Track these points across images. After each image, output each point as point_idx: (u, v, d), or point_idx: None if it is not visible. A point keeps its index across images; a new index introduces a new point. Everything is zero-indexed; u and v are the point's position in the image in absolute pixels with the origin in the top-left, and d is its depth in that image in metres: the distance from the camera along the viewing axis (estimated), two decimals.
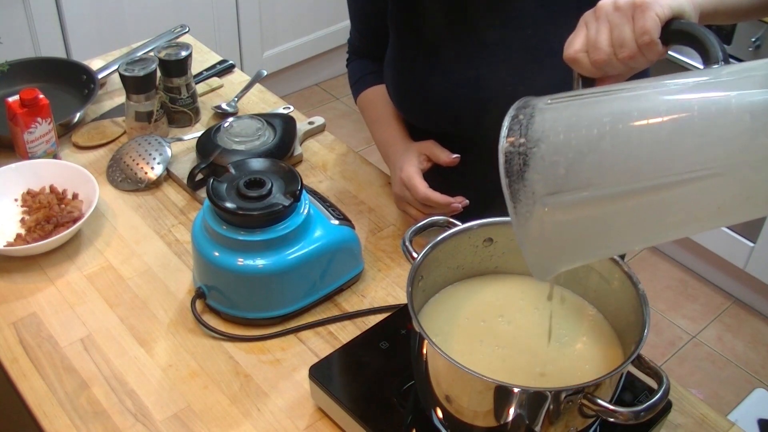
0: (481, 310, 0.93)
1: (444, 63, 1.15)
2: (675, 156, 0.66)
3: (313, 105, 3.18)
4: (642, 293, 0.84)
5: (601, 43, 0.80)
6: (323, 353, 1.01)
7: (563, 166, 0.70)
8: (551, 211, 0.71)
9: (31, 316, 1.08)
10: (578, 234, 0.74)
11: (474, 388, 0.79)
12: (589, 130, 0.69)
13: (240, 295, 1.05)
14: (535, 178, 0.70)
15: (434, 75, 1.16)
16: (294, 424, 0.95)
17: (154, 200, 1.28)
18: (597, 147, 0.69)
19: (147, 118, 1.36)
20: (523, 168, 0.70)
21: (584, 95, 0.74)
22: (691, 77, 0.71)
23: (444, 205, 1.13)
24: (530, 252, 0.75)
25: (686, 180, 0.67)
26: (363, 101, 1.35)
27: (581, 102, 0.73)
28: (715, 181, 0.66)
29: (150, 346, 1.04)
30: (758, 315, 2.38)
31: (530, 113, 0.73)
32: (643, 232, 0.74)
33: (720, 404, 2.11)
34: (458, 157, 1.16)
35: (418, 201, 1.15)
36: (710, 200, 0.68)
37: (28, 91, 1.25)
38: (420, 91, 1.18)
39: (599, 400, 0.75)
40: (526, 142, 0.71)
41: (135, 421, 0.95)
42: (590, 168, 0.69)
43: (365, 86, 1.34)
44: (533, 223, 0.72)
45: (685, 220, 0.71)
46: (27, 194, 1.23)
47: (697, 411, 0.98)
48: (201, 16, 2.70)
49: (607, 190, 0.69)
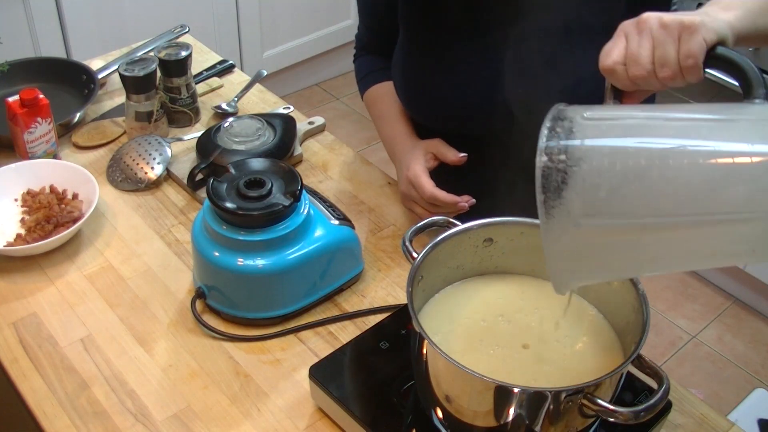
0: (481, 310, 0.93)
1: (455, 62, 1.15)
2: (724, 198, 0.67)
3: (313, 105, 3.18)
4: (642, 293, 0.84)
5: (642, 58, 0.78)
6: (323, 353, 1.01)
7: (605, 190, 0.69)
8: (585, 231, 0.70)
9: (31, 316, 1.08)
10: (607, 256, 0.74)
11: (474, 388, 0.79)
12: (637, 158, 0.69)
13: (240, 295, 1.05)
14: (572, 197, 0.69)
15: (444, 74, 1.16)
16: (294, 424, 0.95)
17: (154, 200, 1.28)
18: (643, 177, 0.68)
19: (147, 118, 1.36)
20: (561, 186, 0.69)
21: (627, 117, 0.73)
22: (738, 114, 0.71)
23: (451, 204, 1.13)
24: (555, 266, 0.74)
25: (730, 220, 0.68)
26: (369, 97, 1.34)
27: (626, 125, 0.72)
28: (757, 224, 0.67)
29: (150, 346, 1.04)
30: (758, 315, 2.38)
31: (569, 127, 0.71)
32: (673, 261, 0.76)
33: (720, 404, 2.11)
34: (465, 156, 1.15)
35: (424, 200, 1.15)
36: (747, 241, 0.69)
37: (28, 91, 1.25)
38: (428, 90, 1.18)
39: (599, 400, 0.75)
40: (567, 160, 0.69)
41: (135, 421, 0.95)
42: (633, 196, 0.69)
43: (372, 82, 1.34)
44: (564, 240, 0.71)
45: (718, 257, 0.73)
46: (27, 194, 1.23)
47: (697, 411, 0.98)
48: (201, 16, 2.70)
49: (646, 219, 0.70)
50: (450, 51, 1.15)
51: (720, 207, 0.68)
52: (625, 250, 0.73)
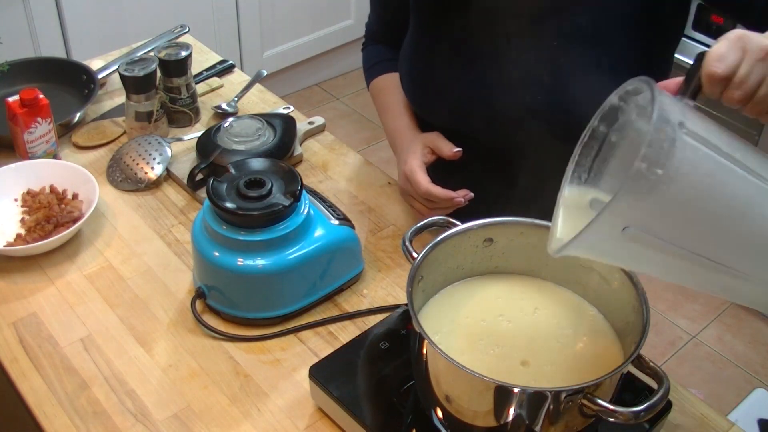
0: (481, 309, 0.93)
1: (464, 60, 1.14)
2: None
3: (313, 105, 3.18)
4: (642, 293, 0.84)
5: (747, 89, 0.74)
6: (323, 353, 1.01)
7: (673, 219, 0.69)
8: (625, 236, 0.69)
9: (31, 316, 1.08)
10: (630, 255, 0.74)
11: (474, 388, 0.79)
12: (720, 203, 0.69)
13: (240, 295, 1.05)
14: (643, 208, 0.68)
15: (452, 70, 1.15)
16: (294, 424, 0.95)
17: (154, 200, 1.28)
18: (715, 221, 0.70)
19: (147, 118, 1.36)
20: (642, 194, 0.68)
21: (720, 147, 0.71)
22: None
23: (446, 199, 1.12)
24: (571, 242, 0.72)
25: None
26: (375, 88, 1.34)
27: (718, 163, 0.70)
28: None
29: (150, 346, 1.04)
30: (758, 315, 2.38)
31: (672, 139, 0.68)
32: (689, 283, 0.77)
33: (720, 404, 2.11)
34: (460, 150, 1.15)
35: (420, 195, 1.15)
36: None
37: (28, 91, 1.25)
38: (434, 85, 1.17)
39: (599, 400, 0.75)
40: (662, 175, 0.67)
41: (135, 421, 0.95)
42: (696, 234, 0.70)
43: (379, 73, 1.33)
44: (600, 236, 0.70)
45: (741, 298, 0.78)
46: (27, 194, 1.23)
47: (697, 411, 0.98)
48: (201, 16, 2.71)
49: (695, 257, 0.71)
50: (461, 48, 1.14)
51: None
52: (647, 260, 0.73)
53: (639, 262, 0.76)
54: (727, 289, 0.77)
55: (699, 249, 0.71)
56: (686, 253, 0.71)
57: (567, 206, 0.80)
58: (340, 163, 1.37)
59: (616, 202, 0.67)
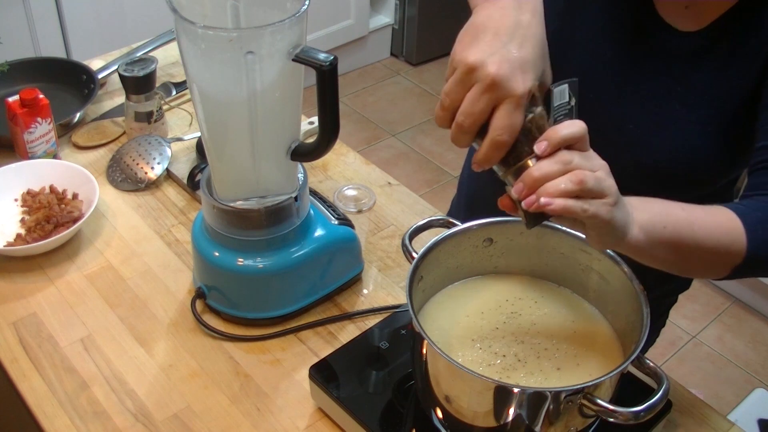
0: (481, 310, 0.93)
1: None
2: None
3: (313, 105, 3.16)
4: (642, 293, 0.84)
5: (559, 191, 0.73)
6: (323, 353, 1.01)
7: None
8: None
9: (31, 316, 1.08)
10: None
11: (474, 388, 0.79)
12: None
13: (240, 295, 1.05)
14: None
15: None
16: (294, 424, 0.95)
17: (154, 200, 1.28)
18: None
19: (147, 118, 1.36)
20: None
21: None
22: None
23: (507, 128, 0.75)
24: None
25: None
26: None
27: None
28: None
29: (150, 346, 1.04)
30: (758, 315, 2.39)
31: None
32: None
33: (720, 404, 2.12)
34: None
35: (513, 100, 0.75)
36: None
37: (28, 91, 1.25)
38: None
39: (599, 400, 0.75)
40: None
41: (135, 421, 0.95)
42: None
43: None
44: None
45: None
46: (27, 194, 1.23)
47: (697, 411, 0.98)
48: None
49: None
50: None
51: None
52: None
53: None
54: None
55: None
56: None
57: None
58: (340, 163, 1.37)
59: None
